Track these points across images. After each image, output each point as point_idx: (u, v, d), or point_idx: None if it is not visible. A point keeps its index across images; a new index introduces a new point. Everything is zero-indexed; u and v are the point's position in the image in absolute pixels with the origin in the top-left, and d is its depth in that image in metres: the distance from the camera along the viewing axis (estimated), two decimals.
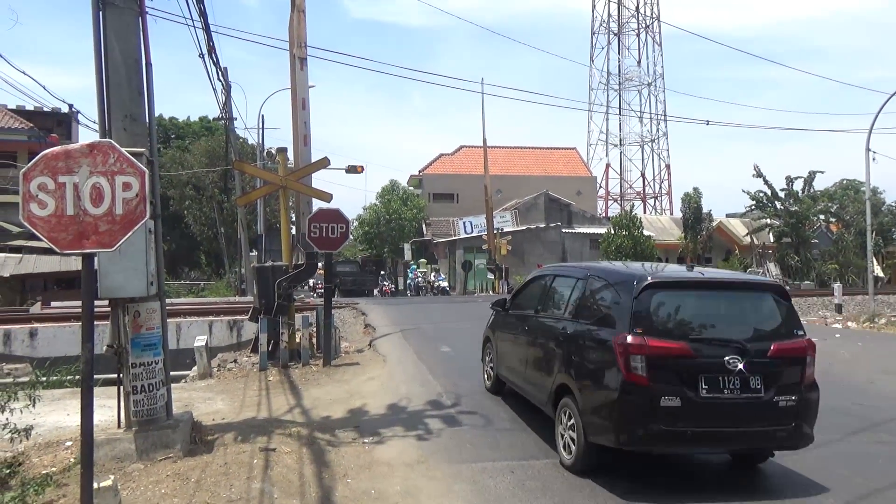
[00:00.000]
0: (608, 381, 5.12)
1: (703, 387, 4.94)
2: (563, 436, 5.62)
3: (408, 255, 38.96)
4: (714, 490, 5.25)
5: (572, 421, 5.47)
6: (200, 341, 10.65)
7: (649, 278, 5.34)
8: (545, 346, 6.33)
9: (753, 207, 37.09)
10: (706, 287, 5.70)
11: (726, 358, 4.97)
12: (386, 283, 35.74)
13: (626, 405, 4.94)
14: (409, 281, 34.36)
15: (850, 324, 18.08)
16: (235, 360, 11.81)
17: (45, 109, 30.29)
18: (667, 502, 4.86)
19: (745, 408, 5.01)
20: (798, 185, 35.56)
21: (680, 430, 4.90)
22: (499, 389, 8.05)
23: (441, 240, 38.95)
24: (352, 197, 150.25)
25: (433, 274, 35.07)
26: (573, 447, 5.43)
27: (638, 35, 62.18)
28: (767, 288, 5.73)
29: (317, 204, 11.27)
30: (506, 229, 35.79)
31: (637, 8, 61.86)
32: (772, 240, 36.64)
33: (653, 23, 61.52)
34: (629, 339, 4.98)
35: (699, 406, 4.91)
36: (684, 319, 5.28)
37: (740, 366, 4.96)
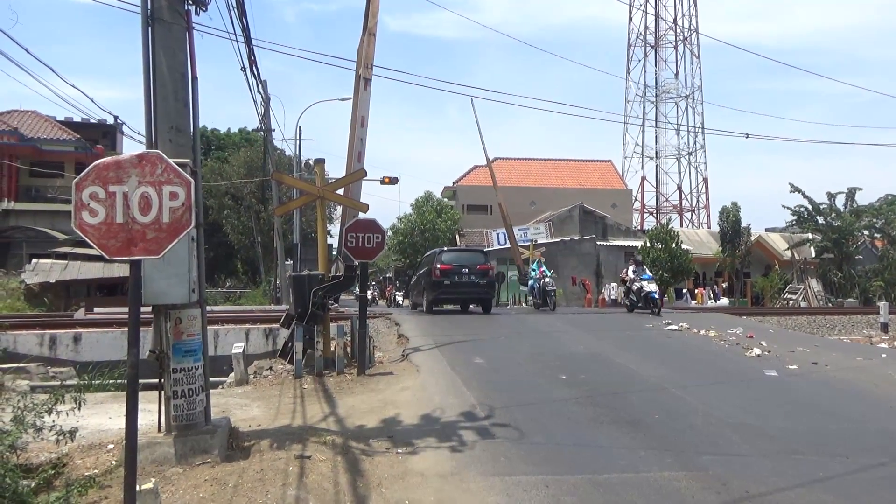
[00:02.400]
0: (431, 278, 18.45)
1: (456, 278, 18.34)
2: (423, 304, 19.52)
3: None
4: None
5: (426, 297, 19.15)
6: (238, 348, 10.81)
7: (445, 248, 21.69)
8: (421, 280, 20.07)
9: (794, 222, 36.23)
10: (462, 251, 23.83)
11: (463, 269, 18.43)
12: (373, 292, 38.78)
13: (435, 285, 18.46)
14: (531, 282, 23.46)
15: None
16: (271, 368, 11.95)
17: (92, 121, 31.27)
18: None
19: (470, 285, 18.65)
20: (840, 201, 34.68)
21: (450, 292, 18.91)
22: (414, 307, 21.54)
23: None
24: (386, 208, 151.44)
25: (631, 268, 19.82)
26: (425, 304, 19.24)
27: (675, 47, 61.57)
28: (481, 252, 21.78)
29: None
30: (540, 241, 35.56)
31: (675, 20, 61.29)
32: (813, 255, 35.72)
33: (691, 35, 60.88)
34: (438, 266, 18.37)
35: (455, 284, 18.45)
36: (452, 260, 18.79)
37: (467, 271, 18.44)
